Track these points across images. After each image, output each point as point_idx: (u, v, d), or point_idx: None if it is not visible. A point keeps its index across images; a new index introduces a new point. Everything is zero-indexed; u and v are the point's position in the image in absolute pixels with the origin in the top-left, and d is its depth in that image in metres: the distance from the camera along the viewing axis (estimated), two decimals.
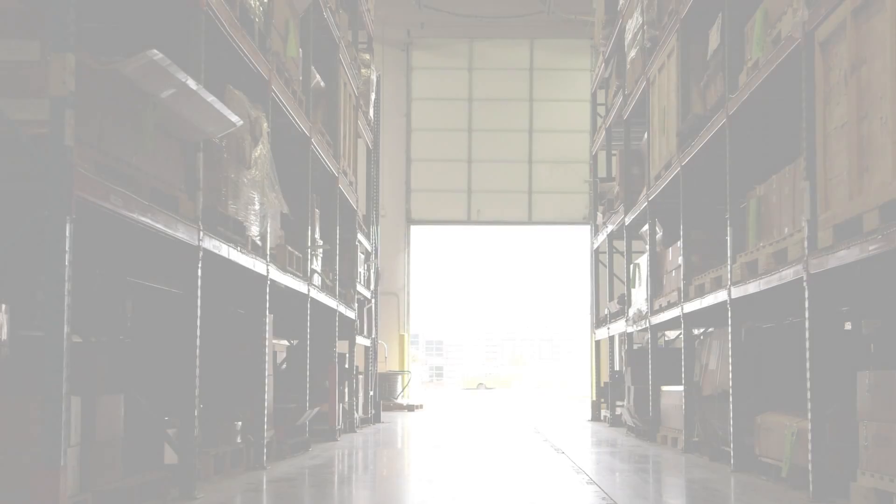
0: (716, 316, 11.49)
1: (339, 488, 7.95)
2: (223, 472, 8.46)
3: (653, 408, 13.23)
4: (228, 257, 7.86)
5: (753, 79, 8.39)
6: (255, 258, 8.74)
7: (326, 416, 13.16)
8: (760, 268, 8.17)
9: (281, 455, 10.16)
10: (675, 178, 11.77)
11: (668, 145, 12.16)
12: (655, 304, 13.13)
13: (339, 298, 13.83)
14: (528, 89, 27.57)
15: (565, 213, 27.42)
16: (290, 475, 8.66)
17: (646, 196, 13.66)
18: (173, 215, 6.51)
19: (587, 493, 7.46)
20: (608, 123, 17.99)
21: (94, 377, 6.09)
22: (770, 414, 8.60)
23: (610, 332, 17.58)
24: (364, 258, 17.38)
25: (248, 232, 8.64)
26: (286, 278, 10.11)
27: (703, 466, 9.53)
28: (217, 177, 8.09)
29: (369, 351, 18.12)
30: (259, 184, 8.89)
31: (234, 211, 8.27)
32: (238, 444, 8.92)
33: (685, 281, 11.36)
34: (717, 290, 9.67)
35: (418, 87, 27.60)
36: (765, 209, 8.52)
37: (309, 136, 11.34)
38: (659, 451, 11.43)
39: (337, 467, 9.72)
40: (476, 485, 8.11)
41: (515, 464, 10.19)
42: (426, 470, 9.42)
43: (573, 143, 27.18)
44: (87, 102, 5.56)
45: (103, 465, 6.03)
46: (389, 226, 26.69)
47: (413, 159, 27.51)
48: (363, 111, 16.67)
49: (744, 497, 7.21)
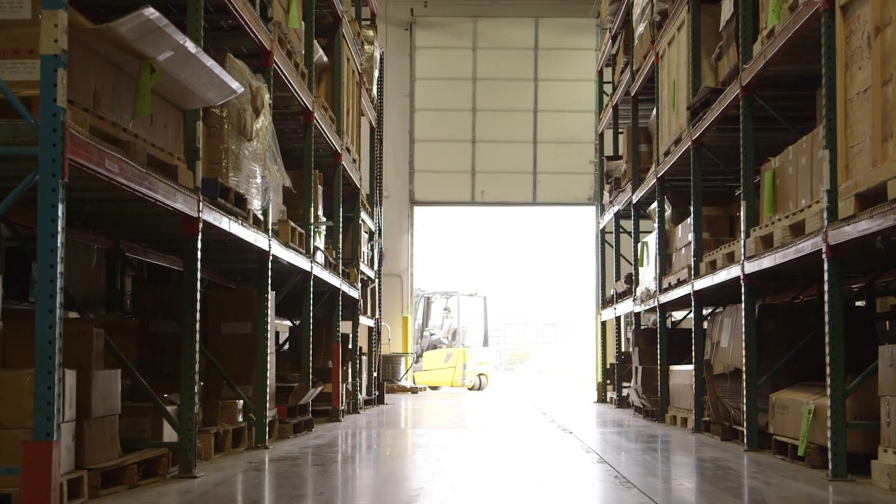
0: (726, 294, 11.31)
1: (342, 467, 7.76)
2: (224, 450, 8.27)
3: (661, 388, 13.03)
4: (229, 230, 7.64)
5: (769, 47, 8.14)
6: (256, 232, 8.52)
7: (330, 396, 12.97)
8: (776, 241, 7.95)
9: (284, 434, 9.97)
10: (686, 154, 11.53)
11: (677, 120, 11.92)
12: (664, 282, 12.92)
13: (343, 277, 13.62)
14: (533, 69, 27.26)
15: (570, 193, 27.15)
16: (292, 454, 8.47)
17: (654, 173, 13.43)
18: (172, 185, 6.29)
19: (599, 472, 7.26)
20: (615, 101, 17.74)
21: (90, 352, 5.88)
22: (785, 391, 8.39)
23: (616, 313, 17.36)
24: (368, 238, 17.17)
25: (250, 205, 8.42)
26: (288, 254, 9.90)
27: (715, 446, 9.33)
28: (217, 148, 7.87)
29: (373, 332, 17.92)
30: (260, 156, 8.67)
31: (235, 183, 8.05)
32: (240, 422, 8.72)
33: (695, 258, 11.13)
34: (730, 266, 9.45)
35: (422, 66, 27.30)
36: (780, 181, 8.29)
37: (311, 110, 11.11)
38: (668, 431, 11.24)
39: (340, 447, 9.53)
40: (483, 465, 7.92)
41: (523, 445, 10.00)
42: (431, 450, 9.23)
43: (578, 123, 26.89)
44: (81, 64, 5.35)
45: (99, 441, 5.84)
46: (393, 207, 26.45)
47: (416, 140, 27.23)
48: (366, 88, 16.43)
49: (760, 475, 7.01)
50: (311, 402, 11.28)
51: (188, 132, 6.89)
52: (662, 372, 13.10)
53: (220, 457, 8.00)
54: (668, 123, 12.64)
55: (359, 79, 15.27)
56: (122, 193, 5.88)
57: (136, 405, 6.98)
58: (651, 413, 13.42)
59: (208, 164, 7.75)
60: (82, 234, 8.27)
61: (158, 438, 6.92)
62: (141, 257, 9.52)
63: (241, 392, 9.02)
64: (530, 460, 8.36)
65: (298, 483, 6.65)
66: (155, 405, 6.80)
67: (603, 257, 20.15)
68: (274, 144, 8.92)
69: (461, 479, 6.91)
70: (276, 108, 11.15)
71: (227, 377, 8.92)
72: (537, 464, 8.09)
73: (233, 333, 9.53)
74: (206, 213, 6.99)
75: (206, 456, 7.78)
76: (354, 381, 15.02)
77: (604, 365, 19.41)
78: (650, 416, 13.47)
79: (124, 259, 9.39)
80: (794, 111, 9.81)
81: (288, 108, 11.31)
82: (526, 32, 27.32)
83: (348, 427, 11.92)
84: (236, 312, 9.56)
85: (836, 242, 6.63)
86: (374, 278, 18.07)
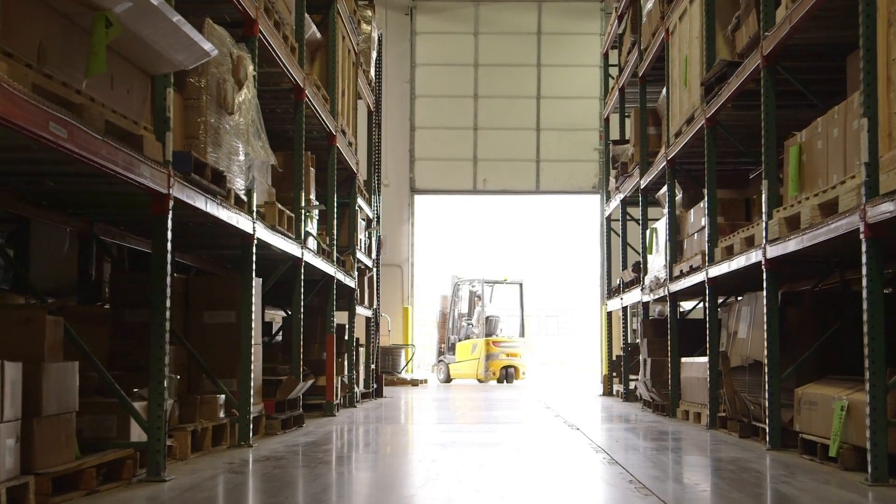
0: (742, 282, 10.66)
1: (328, 468, 7.10)
2: (203, 449, 7.63)
3: (672, 381, 12.38)
4: (206, 210, 6.98)
5: (795, 11, 7.46)
6: (238, 213, 7.86)
7: (324, 389, 12.34)
8: (804, 221, 7.27)
9: (271, 431, 9.33)
10: (699, 133, 10.87)
11: (689, 98, 11.25)
12: (675, 269, 12.25)
13: (338, 265, 12.97)
14: (536, 54, 26.62)
15: (574, 182, 26.52)
16: (278, 453, 7.82)
17: (664, 155, 12.75)
18: (136, 156, 5.63)
19: (610, 475, 6.61)
20: (621, 83, 17.04)
21: (42, 342, 5.22)
22: (812, 386, 7.74)
23: (623, 303, 16.69)
24: (365, 225, 16.51)
25: (231, 184, 7.77)
26: (276, 238, 9.24)
27: (734, 444, 8.67)
28: (194, 121, 7.22)
29: (371, 322, 17.27)
30: (243, 132, 8.01)
31: (215, 160, 7.40)
32: (221, 419, 8.07)
33: (710, 243, 10.47)
34: (750, 251, 8.78)
35: (422, 52, 26.65)
36: (808, 157, 7.62)
37: (302, 86, 10.45)
38: (680, 428, 10.59)
39: (333, 444, 8.87)
40: (483, 467, 7.27)
41: (527, 443, 9.35)
42: (427, 449, 8.58)
43: (582, 109, 26.25)
44: (23, 12, 4.68)
45: (52, 442, 5.19)
46: (392, 195, 25.82)
47: (417, 127, 26.60)
48: (363, 70, 15.76)
49: (791, 480, 6.35)
50: (301, 396, 10.65)
51: (157, 99, 6.23)
52: (673, 364, 12.45)
53: (197, 457, 7.36)
54: (679, 102, 11.96)
55: (355, 59, 14.60)
56: (84, 167, 5.24)
57: (100, 401, 6.34)
58: (661, 407, 12.77)
59: (184, 139, 7.11)
60: (51, 214, 7.60)
61: (126, 438, 6.28)
62: (119, 241, 8.87)
63: (225, 386, 8.39)
64: (534, 462, 7.71)
65: (277, 489, 5.99)
66: (120, 401, 6.15)
67: (609, 246, 19.47)
68: (258, 120, 8.25)
69: (459, 484, 6.26)
70: (264, 84, 10.54)
71: (208, 370, 8.27)
72: (542, 466, 7.43)
73: (216, 323, 8.89)
74: (177, 190, 6.33)
75: (182, 456, 7.14)
76: (351, 373, 14.39)
77: (610, 357, 18.74)
78: (660, 410, 12.82)
79: (99, 243, 8.74)
80: (820, 85, 9.14)
81: (278, 84, 10.65)
82: (529, 17, 26.65)
83: (342, 422, 11.27)
84: (220, 301, 8.91)
85: (875, 221, 5.96)
86: (373, 267, 17.42)
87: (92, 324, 7.39)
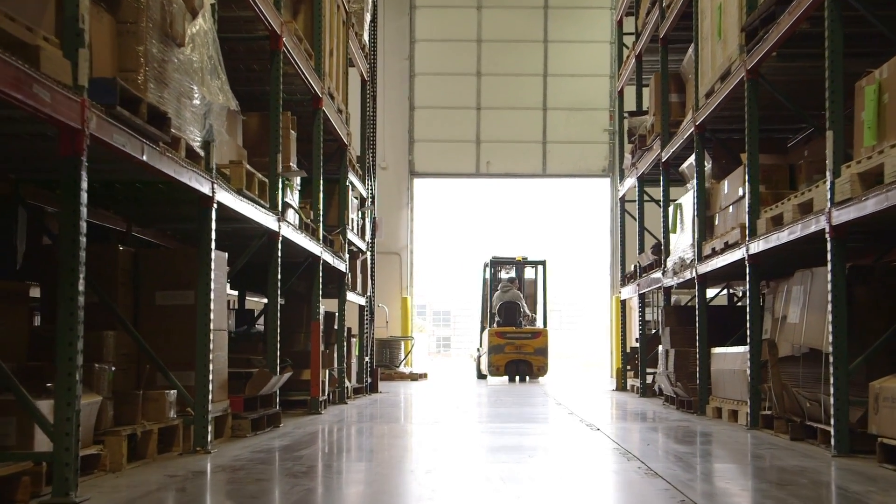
0: (784, 260, 9.28)
1: (295, 482, 5.67)
2: (147, 457, 6.22)
3: (700, 374, 10.97)
4: (144, 159, 5.56)
5: None
6: (192, 169, 6.44)
7: (309, 384, 10.94)
8: (888, 175, 5.84)
9: (239, 433, 7.92)
10: (736, 91, 9.45)
11: (725, 50, 9.81)
12: (705, 248, 10.82)
13: (325, 244, 11.55)
14: (543, 29, 25.12)
15: (583, 164, 25.07)
16: (239, 461, 6.41)
17: (692, 121, 11.31)
18: (28, 70, 4.21)
19: (658, 495, 5.18)
20: (639, 49, 15.59)
21: None
22: (892, 379, 6.31)
23: (640, 289, 15.26)
24: (358, 204, 15.07)
25: (183, 134, 6.35)
26: (244, 205, 7.82)
27: (787, 448, 7.26)
28: (132, 50, 5.81)
29: (365, 311, 15.83)
30: (197, 70, 6.58)
31: (159, 100, 5.98)
32: (172, 419, 6.66)
33: (751, 215, 9.05)
34: (807, 218, 7.34)
35: (422, 27, 25.17)
36: (891, 97, 6.18)
37: (279, 33, 9.02)
38: (715, 428, 9.17)
39: (309, 449, 7.43)
40: (492, 481, 5.84)
41: (543, 448, 7.92)
42: (421, 455, 7.18)
43: (592, 88, 24.81)
44: None
45: None
46: (391, 179, 24.40)
47: (416, 106, 25.14)
48: (356, 32, 14.32)
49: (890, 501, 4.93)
50: (278, 391, 9.24)
51: (68, 6, 4.79)
52: (702, 355, 11.04)
53: (136, 467, 5.95)
54: (710, 58, 10.52)
55: (346, 17, 13.15)
56: None
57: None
58: (687, 404, 11.36)
59: (118, 72, 5.69)
60: None
61: (28, 447, 4.86)
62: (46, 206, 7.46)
63: (183, 380, 6.98)
64: (556, 474, 6.28)
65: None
66: (18, 398, 4.73)
67: (623, 229, 18.01)
68: (217, 57, 6.82)
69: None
70: (236, 31, 9.16)
71: (157, 359, 6.86)
72: (568, 481, 6.01)
73: (171, 305, 7.46)
74: (98, 128, 4.90)
75: (116, 467, 5.73)
76: (341, 366, 12.98)
77: (623, 349, 17.31)
78: (685, 407, 11.41)
79: (33, 211, 7.33)
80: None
81: (251, 32, 9.23)
82: None
83: (327, 422, 9.86)
84: (176, 279, 7.49)
85: None
86: (367, 250, 15.97)
87: (6, 303, 5.97)
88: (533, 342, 20.41)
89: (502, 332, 20.46)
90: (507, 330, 20.49)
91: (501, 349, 20.35)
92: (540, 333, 20.59)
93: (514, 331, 20.49)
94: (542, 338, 20.54)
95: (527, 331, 20.58)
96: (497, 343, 20.38)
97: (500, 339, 20.41)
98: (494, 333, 20.51)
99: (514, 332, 20.44)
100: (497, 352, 20.35)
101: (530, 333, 20.52)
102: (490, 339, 20.52)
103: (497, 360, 20.32)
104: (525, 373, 20.34)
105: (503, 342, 20.36)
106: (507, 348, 20.31)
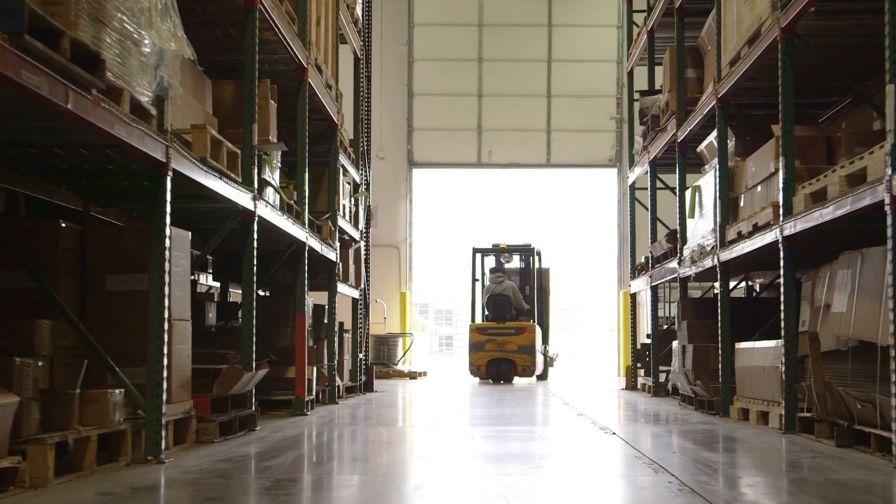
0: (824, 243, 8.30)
1: (263, 499, 4.66)
2: (84, 468, 5.22)
3: (723, 372, 9.97)
4: (68, 107, 4.55)
5: None
6: (137, 127, 5.44)
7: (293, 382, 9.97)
8: None
9: (205, 438, 6.93)
10: (767, 54, 8.47)
11: (755, 10, 8.80)
12: (730, 232, 9.81)
13: (311, 230, 10.55)
14: (547, 13, 24.10)
15: (588, 154, 24.05)
16: (194, 473, 5.40)
17: (713, 93, 10.31)
18: None
19: None
20: (651, 25, 14.58)
21: None
22: None
23: (653, 281, 14.25)
24: (351, 189, 14.05)
25: (128, 86, 5.35)
26: (208, 178, 6.81)
27: (839, 458, 6.25)
28: None
29: (358, 305, 14.81)
30: (145, 10, 5.57)
31: (96, 43, 4.98)
32: (117, 423, 5.66)
33: (786, 193, 8.04)
34: (859, 190, 6.33)
35: (421, 10, 24.16)
36: None
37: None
38: (744, 431, 8.17)
39: (282, 458, 6.39)
40: (493, 499, 4.83)
41: (554, 456, 6.90)
42: (414, 467, 6.18)
43: (598, 74, 23.82)
44: None
45: None
46: (388, 169, 23.42)
47: (415, 94, 24.14)
48: (348, 4, 13.31)
49: None
50: (253, 390, 8.24)
51: None
52: (724, 351, 10.04)
53: (66, 481, 4.95)
54: (736, 22, 9.51)
55: None
56: None
57: None
58: (707, 404, 10.36)
59: (40, 5, 4.69)
60: None
61: None
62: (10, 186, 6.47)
63: (129, 378, 6.00)
64: (570, 489, 5.26)
65: None
66: None
67: (633, 218, 16.98)
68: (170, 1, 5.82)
69: None
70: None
71: (101, 352, 5.86)
72: (584, 499, 5.00)
73: (123, 290, 6.50)
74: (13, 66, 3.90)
75: (39, 482, 4.73)
76: (332, 363, 11.99)
77: (633, 346, 16.30)
78: (706, 407, 10.41)
79: None
80: None
81: None
82: None
83: (311, 424, 8.86)
84: (130, 261, 6.52)
85: None
86: (361, 239, 14.96)
87: None
88: (517, 339, 18.11)
89: (483, 328, 18.38)
90: (489, 326, 18.40)
91: (482, 347, 18.19)
92: (525, 329, 18.22)
93: (495, 326, 18.28)
94: (528, 334, 18.19)
95: (510, 326, 18.23)
96: (477, 340, 18.25)
97: (480, 335, 18.27)
98: (475, 329, 18.44)
99: (496, 328, 18.23)
100: (477, 349, 18.20)
101: (514, 329, 18.17)
102: (470, 336, 18.46)
103: (477, 358, 18.20)
104: (508, 373, 18.11)
105: (484, 339, 18.20)
106: (487, 346, 18.13)
